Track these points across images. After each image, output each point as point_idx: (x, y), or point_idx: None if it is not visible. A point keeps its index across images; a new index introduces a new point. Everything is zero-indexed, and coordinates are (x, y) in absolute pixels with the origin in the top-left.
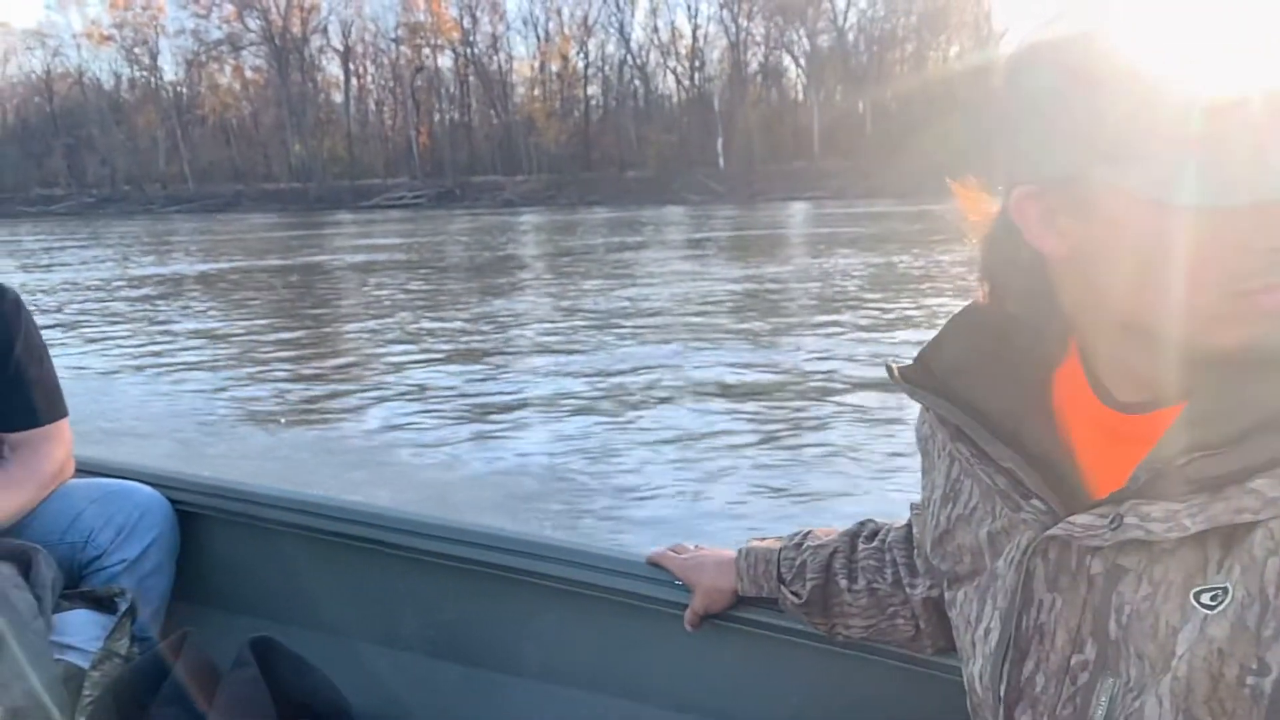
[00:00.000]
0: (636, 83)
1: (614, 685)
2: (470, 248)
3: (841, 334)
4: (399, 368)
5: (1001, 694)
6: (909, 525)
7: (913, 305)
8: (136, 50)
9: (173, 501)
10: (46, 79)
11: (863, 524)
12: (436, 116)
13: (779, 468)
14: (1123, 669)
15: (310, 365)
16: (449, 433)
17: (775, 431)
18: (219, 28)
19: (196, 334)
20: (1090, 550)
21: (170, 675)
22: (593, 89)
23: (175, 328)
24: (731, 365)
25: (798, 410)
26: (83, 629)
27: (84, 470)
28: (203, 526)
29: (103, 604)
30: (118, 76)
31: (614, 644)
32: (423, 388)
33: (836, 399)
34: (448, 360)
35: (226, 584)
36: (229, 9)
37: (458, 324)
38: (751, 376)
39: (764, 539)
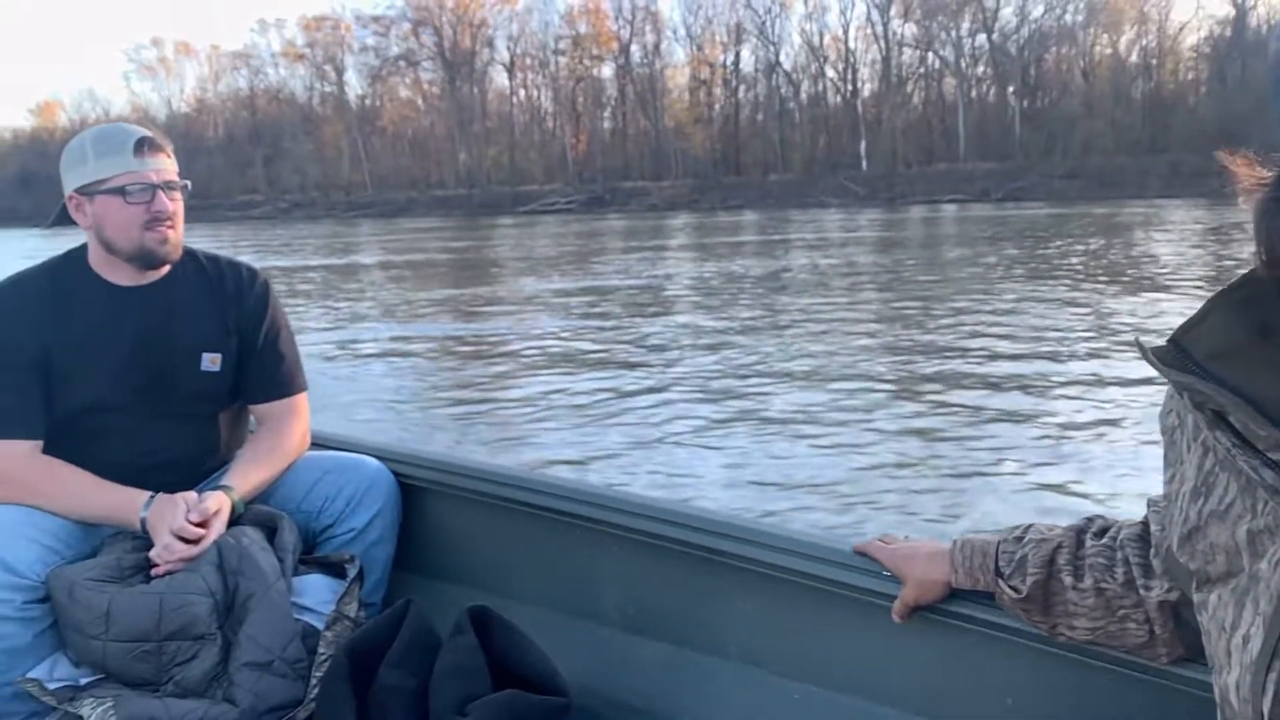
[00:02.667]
0: (785, 88)
1: (815, 673)
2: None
3: None
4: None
5: (1265, 709)
6: (1144, 523)
7: None
8: (326, 67)
9: (396, 475)
10: (250, 95)
11: (1090, 520)
12: (593, 124)
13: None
14: None
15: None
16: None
17: None
18: (397, 44)
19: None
20: None
21: (396, 640)
22: (741, 94)
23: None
24: None
25: None
26: (317, 592)
27: (316, 444)
28: (423, 499)
29: (334, 569)
30: (310, 91)
31: (817, 632)
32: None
33: None
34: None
35: (443, 554)
36: (405, 26)
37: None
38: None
39: (980, 533)
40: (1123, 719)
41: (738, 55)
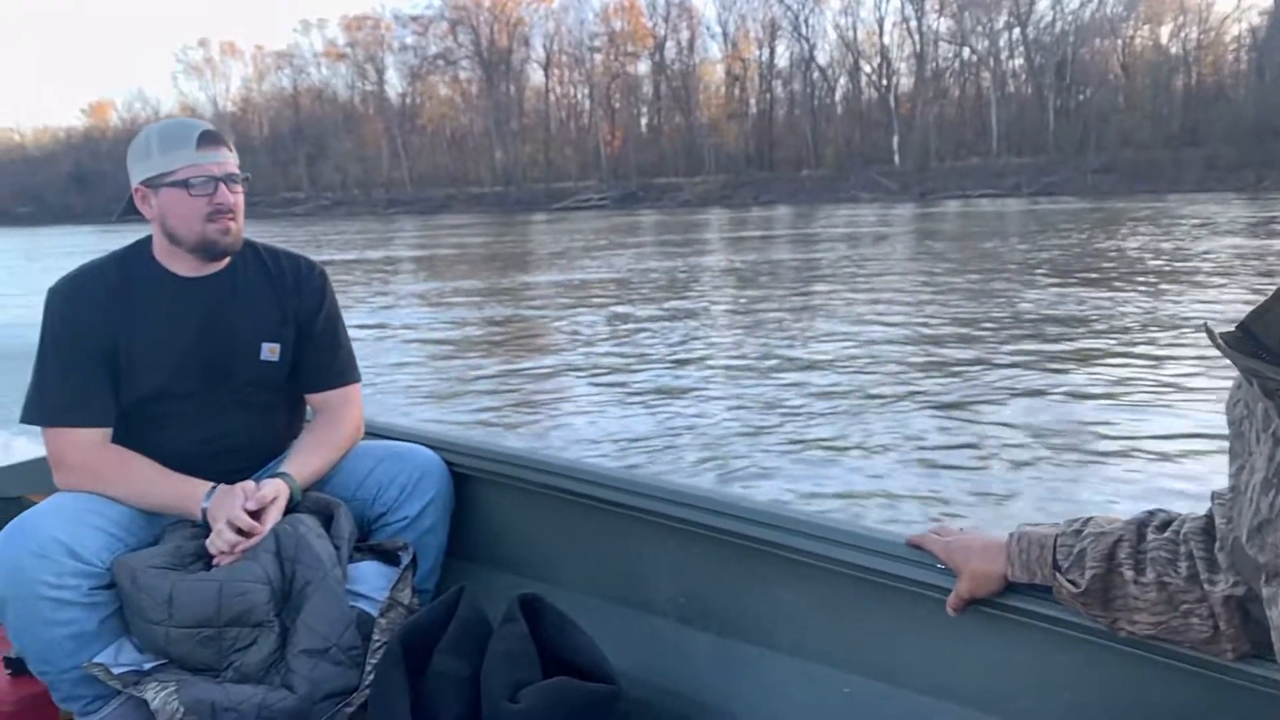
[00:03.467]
0: (820, 83)
1: (867, 666)
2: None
3: None
4: None
5: None
6: (1208, 516)
7: None
8: (366, 66)
9: (448, 464)
10: (294, 94)
11: (1152, 513)
12: (628, 121)
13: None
14: None
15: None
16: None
17: None
18: (435, 44)
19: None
20: None
21: (449, 627)
22: (775, 90)
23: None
24: None
25: None
26: (371, 579)
27: (370, 433)
28: (475, 488)
29: (388, 557)
30: (351, 90)
31: (869, 624)
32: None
33: None
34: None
35: (494, 542)
36: (444, 25)
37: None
38: None
39: (1038, 525)
40: (1185, 716)
41: (772, 51)
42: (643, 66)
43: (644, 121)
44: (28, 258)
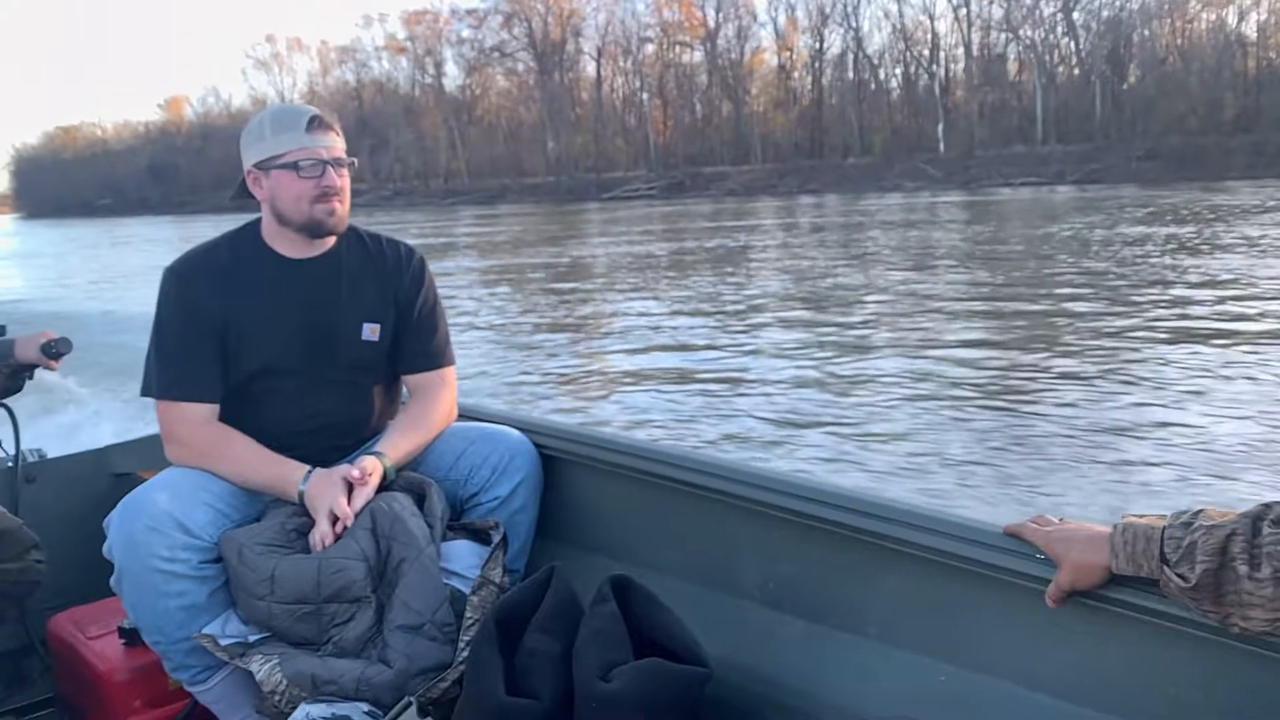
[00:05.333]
0: (867, 72)
1: (962, 655)
2: None
3: None
4: None
5: None
6: None
7: None
8: (425, 59)
9: (538, 446)
10: (357, 88)
11: (1268, 505)
12: (678, 110)
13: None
14: None
15: None
16: None
17: None
18: (491, 37)
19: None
20: None
21: (542, 606)
22: (824, 78)
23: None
24: None
25: None
26: (463, 557)
27: (462, 415)
28: (563, 470)
29: (479, 535)
30: (412, 83)
31: (964, 614)
32: None
33: None
34: None
35: (582, 524)
36: (499, 19)
37: None
38: None
39: (1142, 515)
40: None
41: (821, 39)
42: (693, 56)
43: (695, 111)
44: (78, 244)
